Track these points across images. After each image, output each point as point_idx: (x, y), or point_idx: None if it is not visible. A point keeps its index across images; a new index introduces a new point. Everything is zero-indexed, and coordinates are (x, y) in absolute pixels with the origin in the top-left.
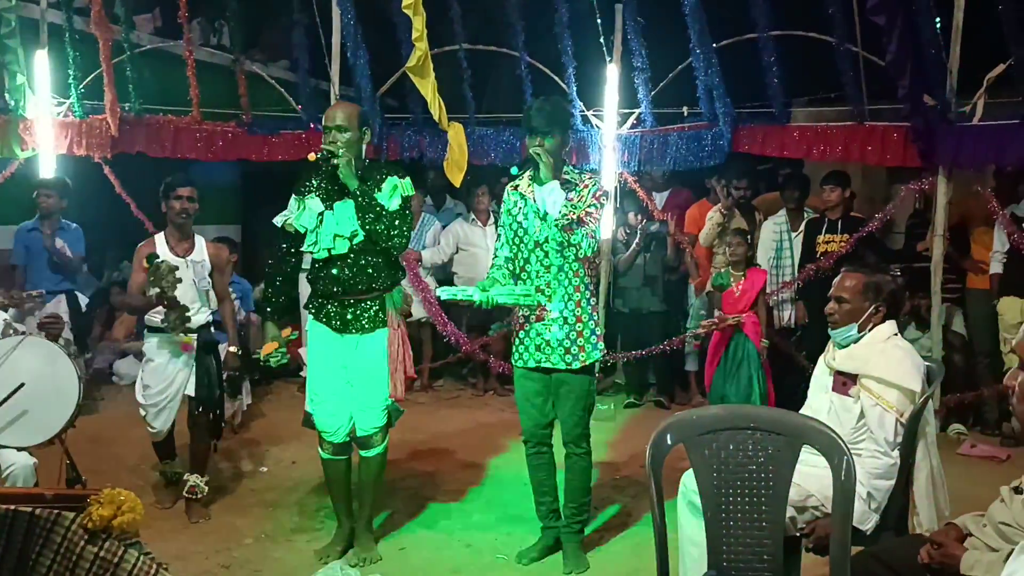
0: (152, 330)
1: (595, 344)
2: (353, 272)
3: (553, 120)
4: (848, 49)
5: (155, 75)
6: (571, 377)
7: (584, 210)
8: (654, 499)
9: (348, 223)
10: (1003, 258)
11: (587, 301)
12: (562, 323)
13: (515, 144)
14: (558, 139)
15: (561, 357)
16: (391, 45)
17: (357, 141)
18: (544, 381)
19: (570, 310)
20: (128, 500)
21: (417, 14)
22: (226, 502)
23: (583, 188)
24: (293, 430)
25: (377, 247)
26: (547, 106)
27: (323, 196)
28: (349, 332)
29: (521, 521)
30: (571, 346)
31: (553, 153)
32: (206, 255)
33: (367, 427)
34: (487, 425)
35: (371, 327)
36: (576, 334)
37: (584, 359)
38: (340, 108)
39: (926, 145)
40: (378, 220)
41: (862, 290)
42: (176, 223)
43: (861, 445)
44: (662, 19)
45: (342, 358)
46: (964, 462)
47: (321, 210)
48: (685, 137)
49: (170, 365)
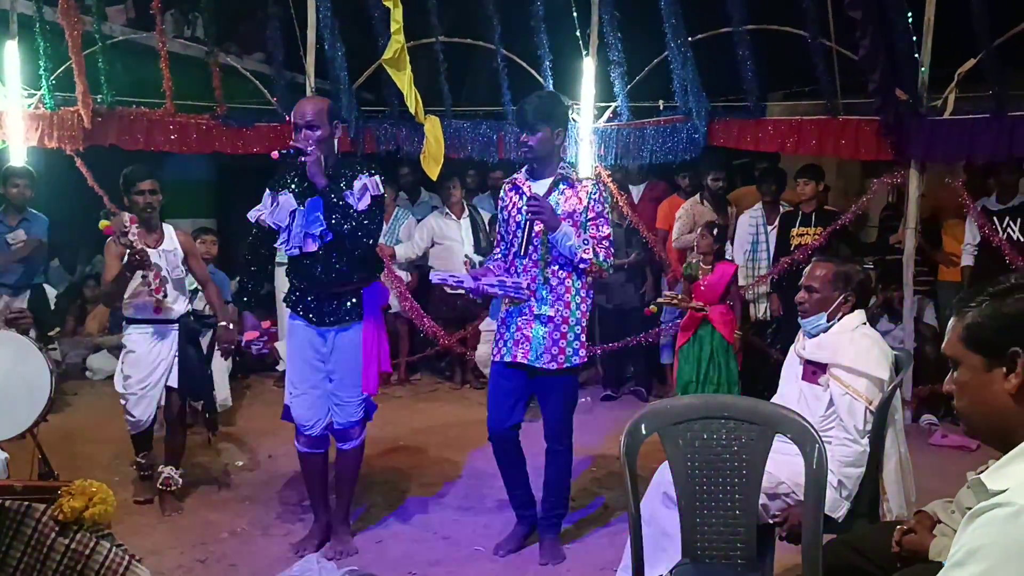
0: (132, 321)
1: (577, 349)
2: (326, 269)
3: (541, 114)
4: (822, 44)
5: (128, 67)
6: (552, 377)
7: (592, 222)
8: (628, 488)
9: (318, 221)
10: (974, 250)
11: (577, 305)
12: (546, 322)
13: (492, 137)
14: (546, 133)
15: (539, 356)
16: (367, 37)
17: (328, 137)
18: (520, 381)
19: (558, 311)
20: (100, 492)
21: (396, 6)
22: (202, 496)
23: (583, 191)
24: (270, 424)
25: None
26: (537, 100)
27: (295, 193)
28: (325, 325)
29: (498, 513)
30: (552, 347)
31: (543, 148)
32: (177, 244)
33: (344, 421)
34: (464, 418)
35: (347, 320)
36: (559, 335)
37: (564, 362)
38: (309, 104)
39: (898, 139)
40: (345, 220)
41: (832, 280)
42: (141, 218)
43: (831, 433)
44: (638, 13)
45: (319, 351)
46: (936, 452)
47: (293, 207)
48: (661, 131)
49: (151, 355)
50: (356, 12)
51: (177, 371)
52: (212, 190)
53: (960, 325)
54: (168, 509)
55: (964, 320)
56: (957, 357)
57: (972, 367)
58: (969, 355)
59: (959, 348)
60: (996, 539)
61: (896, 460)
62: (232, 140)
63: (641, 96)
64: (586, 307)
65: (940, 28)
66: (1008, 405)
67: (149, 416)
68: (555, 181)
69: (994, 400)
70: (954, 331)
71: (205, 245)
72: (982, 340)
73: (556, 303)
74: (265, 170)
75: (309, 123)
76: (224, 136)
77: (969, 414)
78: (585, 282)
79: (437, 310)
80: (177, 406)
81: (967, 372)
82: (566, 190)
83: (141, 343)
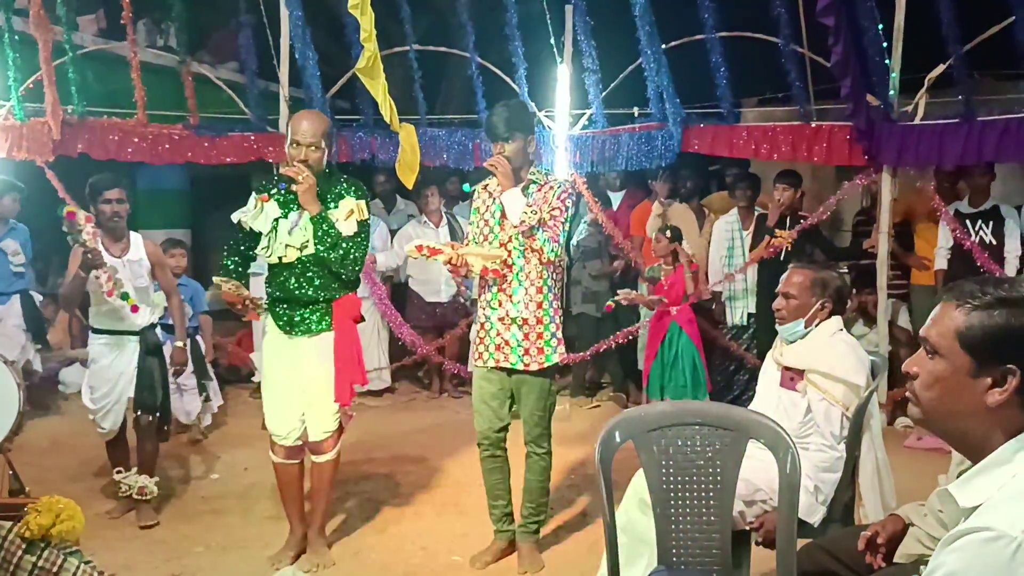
0: (96, 331)
1: (554, 348)
2: (300, 282)
3: (512, 124)
4: (794, 50)
5: (99, 77)
6: (530, 378)
7: (549, 212)
8: (603, 495)
9: (300, 234)
10: (947, 254)
11: (549, 304)
12: (521, 324)
13: (467, 145)
14: (520, 142)
15: (520, 358)
16: (341, 46)
17: (323, 158)
18: (502, 382)
19: (531, 311)
20: (67, 508)
21: (364, 14)
22: (176, 510)
23: (548, 189)
24: (245, 436)
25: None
26: (505, 111)
27: (280, 201)
28: (295, 334)
29: (476, 523)
30: (530, 347)
31: (515, 157)
32: (143, 253)
33: (318, 432)
34: (442, 427)
35: (316, 330)
36: (536, 335)
37: (542, 361)
38: (310, 122)
39: (870, 144)
40: (334, 248)
41: (809, 286)
42: (108, 227)
43: (809, 439)
44: (612, 20)
45: (291, 360)
46: (911, 454)
47: (277, 216)
48: (636, 137)
49: (114, 366)
50: (329, 20)
51: (136, 383)
52: (186, 199)
53: (960, 320)
54: (145, 519)
55: (967, 317)
56: (942, 349)
57: (957, 366)
58: (959, 353)
59: (950, 341)
60: (971, 564)
61: (872, 465)
62: (205, 150)
63: (616, 103)
64: (557, 307)
65: (910, 34)
66: (981, 414)
67: (115, 426)
68: (525, 186)
69: (968, 405)
70: (949, 321)
71: (175, 259)
72: (979, 345)
73: (529, 304)
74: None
75: (311, 143)
76: (197, 146)
77: (933, 407)
78: (555, 284)
79: (415, 318)
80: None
81: (948, 368)
82: (535, 192)
83: (104, 354)
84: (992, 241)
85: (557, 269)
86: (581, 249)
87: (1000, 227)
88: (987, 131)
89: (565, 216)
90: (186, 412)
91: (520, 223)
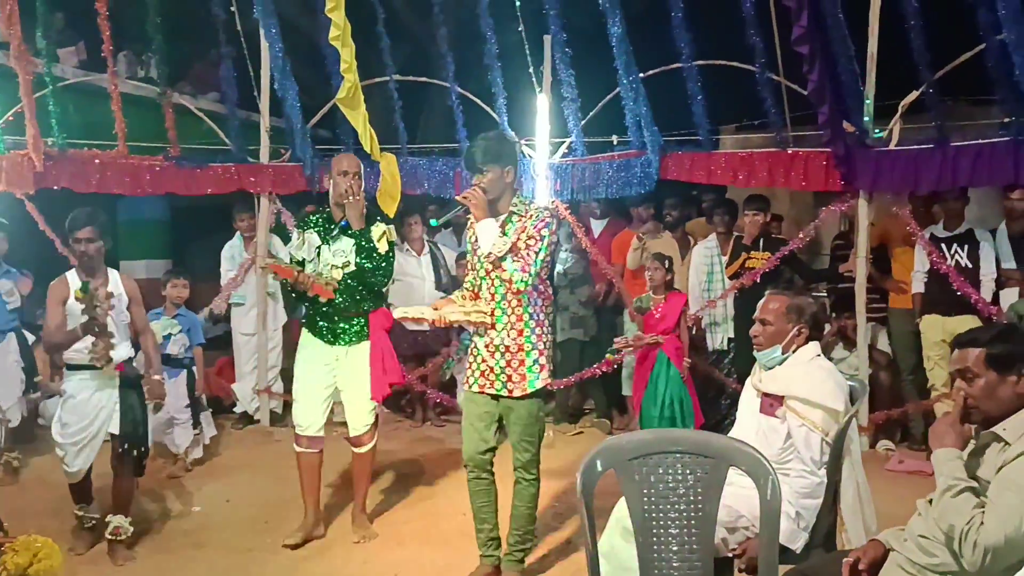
0: (72, 367)
1: (537, 373)
2: (344, 296)
3: (488, 155)
4: (770, 78)
5: (80, 109)
6: (516, 403)
7: (524, 242)
8: (586, 523)
9: (341, 255)
10: (924, 278)
11: (532, 331)
12: (504, 351)
13: (448, 174)
14: (496, 173)
15: (504, 384)
16: (321, 76)
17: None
18: (488, 405)
19: (512, 339)
20: (45, 547)
21: (345, 45)
22: (157, 543)
23: (528, 219)
24: (228, 467)
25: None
26: (483, 143)
27: (320, 232)
28: (338, 344)
29: (458, 553)
30: (512, 374)
31: (491, 188)
32: (122, 288)
33: (359, 427)
34: (425, 457)
35: (356, 340)
36: (518, 363)
37: (525, 387)
38: (351, 159)
39: (846, 170)
40: (371, 259)
41: (785, 312)
42: (85, 264)
43: (789, 465)
44: (590, 50)
45: (330, 365)
46: (893, 478)
47: (318, 244)
48: (615, 165)
49: (91, 401)
50: (309, 50)
51: (119, 418)
52: (167, 230)
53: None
54: (120, 559)
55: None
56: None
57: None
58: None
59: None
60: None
61: (854, 490)
62: (186, 181)
63: (595, 131)
64: (541, 333)
65: (883, 61)
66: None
67: (86, 466)
68: (508, 217)
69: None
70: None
71: (176, 289)
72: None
73: (510, 332)
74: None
75: (356, 173)
76: (178, 177)
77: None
78: (539, 311)
79: (397, 346)
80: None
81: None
82: (516, 222)
83: (82, 390)
84: (968, 264)
85: (544, 296)
86: (568, 277)
87: (975, 250)
88: (961, 156)
89: (540, 245)
90: (175, 444)
91: (488, 254)
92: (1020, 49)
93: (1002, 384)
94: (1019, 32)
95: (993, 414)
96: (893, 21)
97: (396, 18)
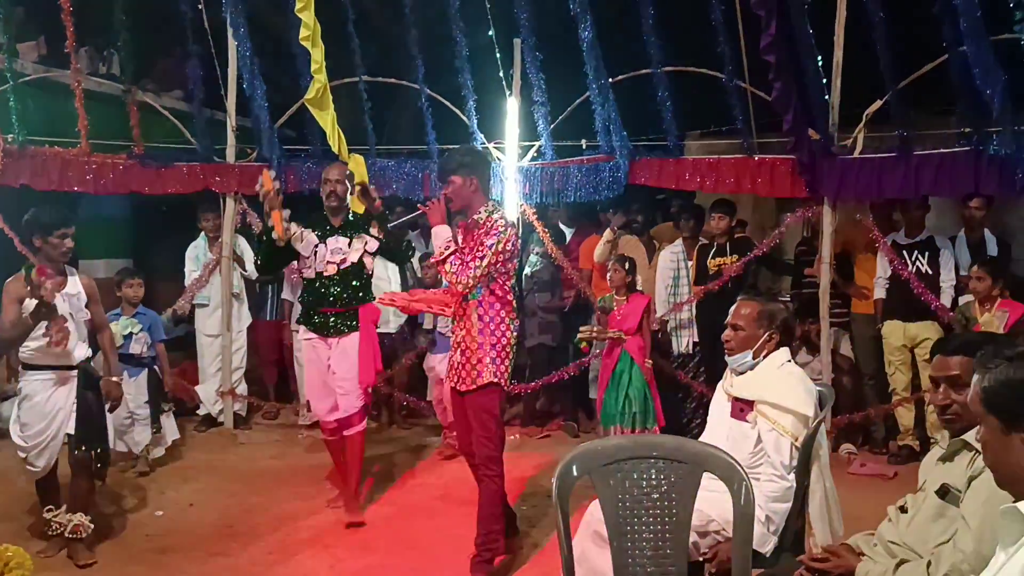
0: (29, 367)
1: (487, 369)
2: (339, 289)
3: (453, 166)
4: (737, 85)
5: (41, 105)
6: (472, 398)
7: (472, 248)
8: (561, 531)
9: (338, 253)
10: (885, 284)
11: (480, 331)
12: (464, 348)
13: (417, 176)
14: (460, 182)
15: (461, 379)
16: (289, 75)
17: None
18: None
19: (462, 336)
20: (16, 556)
21: (315, 46)
22: (119, 549)
23: (482, 227)
24: (191, 470)
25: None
26: (452, 155)
27: (319, 232)
28: (330, 335)
29: (426, 557)
30: (471, 370)
31: (456, 196)
32: (80, 287)
33: (348, 409)
34: (391, 459)
35: (346, 331)
36: (475, 359)
37: (473, 382)
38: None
39: (811, 177)
40: None
41: (756, 318)
42: (61, 261)
43: (759, 469)
44: (560, 54)
45: (325, 356)
46: (854, 481)
47: (316, 243)
48: (584, 169)
49: (49, 402)
50: (277, 49)
51: (75, 418)
52: (128, 228)
53: (979, 386)
54: (81, 559)
55: (983, 381)
56: (979, 416)
57: (992, 427)
58: (988, 417)
59: (980, 408)
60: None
61: (821, 494)
62: (150, 180)
63: (564, 135)
64: (492, 332)
65: (848, 70)
66: None
67: (50, 464)
68: (474, 223)
69: (1015, 460)
70: (975, 389)
71: (133, 288)
72: (998, 404)
73: (463, 329)
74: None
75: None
76: (142, 176)
77: (995, 468)
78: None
79: None
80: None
81: (988, 431)
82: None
83: (40, 390)
84: (928, 271)
85: (501, 300)
86: (534, 281)
87: (935, 257)
88: (923, 165)
89: (484, 252)
90: (135, 442)
91: (434, 256)
92: (980, 62)
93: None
94: (979, 45)
95: (975, 423)
96: (858, 32)
97: (366, 19)
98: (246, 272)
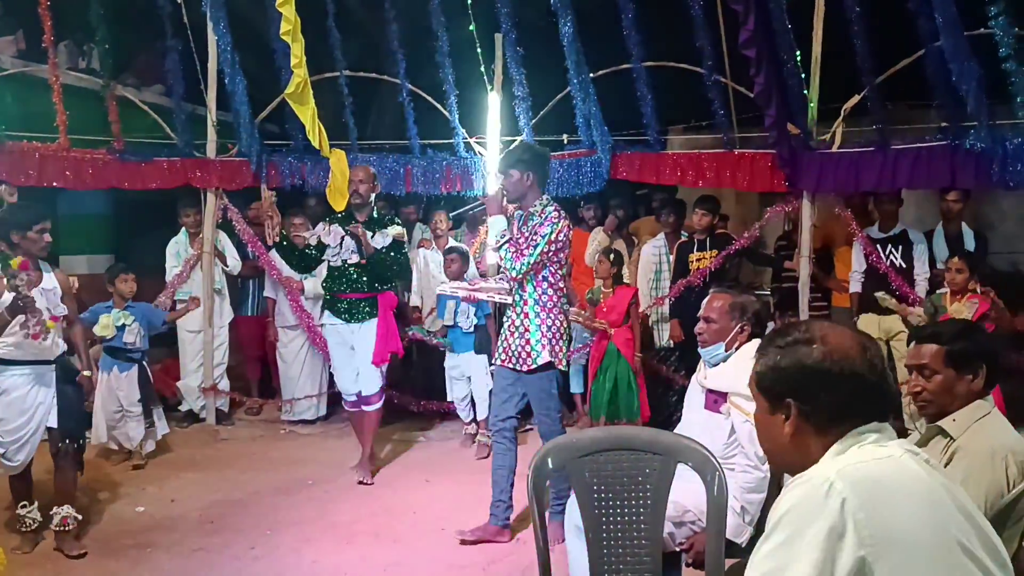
0: (6, 363)
1: (539, 352)
2: (365, 276)
3: (508, 161)
4: (718, 80)
5: (19, 100)
6: (528, 378)
7: (527, 237)
8: (536, 523)
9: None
10: (861, 278)
11: (536, 315)
12: (515, 330)
13: (398, 171)
14: (516, 177)
15: (520, 359)
16: (270, 69)
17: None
18: (511, 378)
19: (520, 320)
20: None
21: (296, 40)
22: (101, 545)
23: (538, 218)
24: (172, 466)
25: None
26: (511, 151)
27: (343, 226)
28: (352, 320)
29: (409, 551)
30: (520, 351)
31: (512, 189)
32: (56, 282)
33: (368, 389)
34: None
35: (366, 318)
36: (524, 341)
37: (531, 363)
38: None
39: (791, 171)
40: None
41: (728, 310)
42: (40, 256)
43: (733, 460)
44: (541, 49)
45: (349, 340)
46: None
47: (342, 235)
48: (566, 164)
49: (28, 397)
50: (258, 44)
51: (56, 411)
52: (109, 224)
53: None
54: (70, 549)
55: (757, 365)
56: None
57: (762, 408)
58: (759, 398)
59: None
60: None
61: None
62: (130, 175)
63: (546, 130)
64: (545, 316)
65: (827, 65)
66: (787, 446)
67: (28, 459)
68: (528, 216)
69: (778, 439)
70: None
71: (127, 284)
72: (764, 387)
73: (519, 314)
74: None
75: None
76: (122, 171)
77: (765, 448)
78: (544, 295)
79: None
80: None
81: (758, 412)
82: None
83: (18, 385)
84: (902, 265)
85: (554, 286)
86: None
87: (909, 251)
88: (901, 159)
89: (537, 240)
90: (129, 437)
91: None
92: (957, 56)
93: (958, 382)
94: (956, 40)
95: (947, 411)
96: (837, 27)
97: (347, 13)
98: (227, 268)
